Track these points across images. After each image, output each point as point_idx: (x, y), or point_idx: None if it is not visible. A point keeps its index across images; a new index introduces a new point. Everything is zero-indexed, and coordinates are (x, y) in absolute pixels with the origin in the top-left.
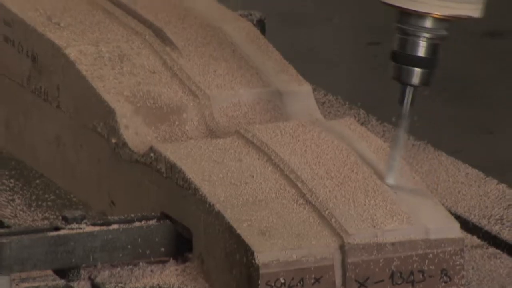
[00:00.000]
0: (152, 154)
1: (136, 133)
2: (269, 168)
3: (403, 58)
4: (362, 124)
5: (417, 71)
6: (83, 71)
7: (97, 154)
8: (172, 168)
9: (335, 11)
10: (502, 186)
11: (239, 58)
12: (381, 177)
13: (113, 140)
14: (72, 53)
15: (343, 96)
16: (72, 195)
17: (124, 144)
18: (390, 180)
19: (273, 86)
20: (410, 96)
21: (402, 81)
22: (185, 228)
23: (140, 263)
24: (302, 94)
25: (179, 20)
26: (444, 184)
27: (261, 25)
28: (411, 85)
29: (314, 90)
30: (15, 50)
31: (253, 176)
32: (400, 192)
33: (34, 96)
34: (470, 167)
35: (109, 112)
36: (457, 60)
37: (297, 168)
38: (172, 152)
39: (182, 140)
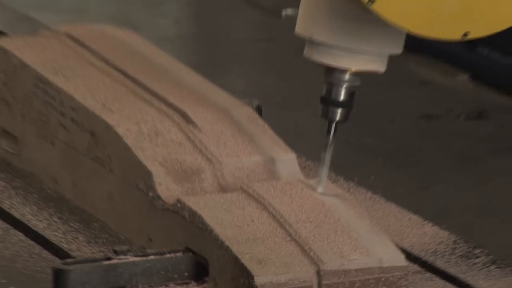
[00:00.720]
0: (179, 204)
1: (167, 189)
2: (265, 215)
3: (329, 102)
4: (333, 182)
5: (339, 111)
6: (129, 144)
7: (139, 204)
8: (194, 215)
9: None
10: (436, 228)
11: (243, 134)
12: (347, 222)
13: (150, 194)
14: (120, 130)
15: (318, 162)
16: (120, 235)
17: (158, 197)
18: (320, 190)
19: (268, 154)
20: (333, 129)
21: (328, 119)
22: (203, 258)
23: (170, 284)
24: (289, 161)
25: (199, 105)
26: (393, 226)
27: (259, 110)
28: (335, 122)
29: (297, 157)
30: (79, 129)
31: (253, 220)
32: (360, 230)
33: (92, 162)
34: (412, 214)
35: (148, 174)
36: (402, 137)
37: (285, 214)
38: (193, 203)
39: (201, 194)
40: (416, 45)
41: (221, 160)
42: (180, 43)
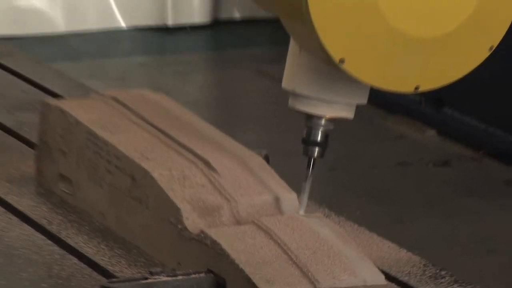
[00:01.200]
0: (202, 235)
1: (193, 222)
2: (271, 243)
3: (308, 142)
4: (326, 217)
5: (316, 149)
6: (162, 186)
7: (170, 235)
8: (214, 243)
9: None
10: (409, 254)
11: (254, 178)
12: (338, 249)
13: (179, 226)
14: (155, 175)
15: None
16: (154, 259)
17: (186, 229)
18: (302, 211)
19: (274, 194)
20: (312, 164)
21: (308, 156)
22: (222, 279)
23: None
24: (291, 199)
25: (219, 154)
26: (375, 252)
27: (267, 158)
28: (313, 158)
29: (297, 196)
30: (122, 173)
31: (262, 248)
32: (348, 255)
33: (132, 200)
34: (391, 242)
35: (177, 210)
36: (382, 180)
37: (288, 243)
38: (214, 234)
39: (220, 227)
40: (393, 106)
41: (236, 199)
42: (203, 105)
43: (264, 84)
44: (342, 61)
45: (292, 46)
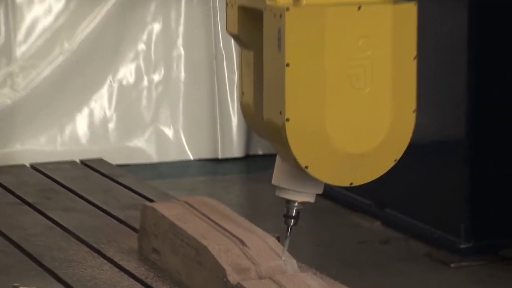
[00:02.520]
0: (239, 285)
1: (233, 277)
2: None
3: (287, 216)
4: (314, 274)
5: (292, 220)
6: (214, 255)
7: (219, 285)
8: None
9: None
10: None
11: (270, 250)
12: None
13: (225, 280)
14: (210, 248)
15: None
16: None
17: (228, 281)
18: (284, 257)
19: (282, 260)
20: (290, 230)
21: (287, 225)
22: None
23: None
24: (293, 264)
25: (248, 235)
26: None
27: (278, 239)
28: (290, 226)
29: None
30: (189, 247)
31: None
32: None
33: (196, 264)
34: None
35: (223, 270)
36: (347, 252)
37: None
38: (246, 284)
39: (249, 280)
40: (355, 206)
41: (259, 263)
42: (239, 206)
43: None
44: (306, 167)
45: (278, 159)
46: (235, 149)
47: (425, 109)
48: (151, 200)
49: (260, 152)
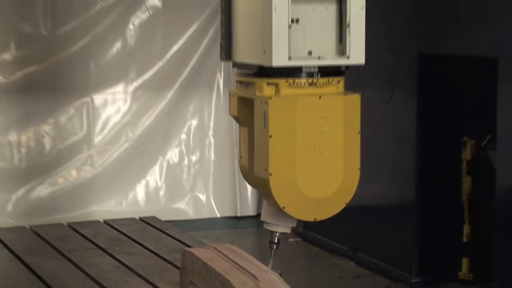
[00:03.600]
0: None
1: None
2: None
3: (271, 242)
4: None
5: (274, 246)
6: (231, 282)
7: None
8: None
9: None
10: None
11: (276, 283)
12: None
13: None
14: (232, 282)
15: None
16: None
17: None
18: (269, 271)
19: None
20: (272, 252)
21: (271, 248)
22: None
23: None
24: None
25: (260, 272)
26: None
27: (280, 274)
28: (273, 249)
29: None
30: (217, 281)
31: None
32: None
33: None
34: None
35: None
36: (332, 283)
37: None
38: None
39: None
40: (335, 251)
41: None
42: (252, 250)
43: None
44: (284, 208)
45: (265, 202)
46: (250, 209)
47: (385, 178)
48: (189, 246)
49: None
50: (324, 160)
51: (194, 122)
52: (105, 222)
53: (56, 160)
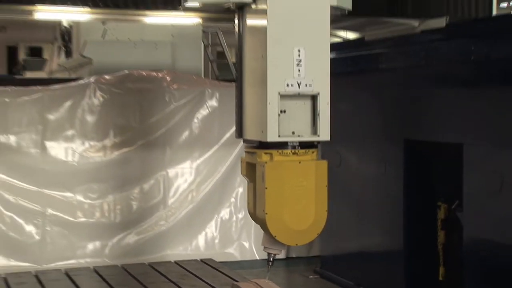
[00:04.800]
0: None
1: None
2: None
3: (268, 260)
4: None
5: (270, 263)
6: None
7: None
8: None
9: None
10: None
11: None
12: None
13: None
14: None
15: None
16: None
17: None
18: (266, 280)
19: None
20: (269, 269)
21: (268, 265)
22: None
23: None
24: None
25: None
26: None
27: None
28: (269, 266)
29: None
30: None
31: None
32: None
33: None
34: None
35: None
36: None
37: None
38: None
39: None
40: (343, 284)
41: None
42: (283, 285)
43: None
44: (275, 236)
45: (264, 234)
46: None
47: (380, 230)
48: (236, 281)
49: (293, 255)
50: (302, 204)
51: (240, 189)
52: (176, 262)
53: (140, 216)
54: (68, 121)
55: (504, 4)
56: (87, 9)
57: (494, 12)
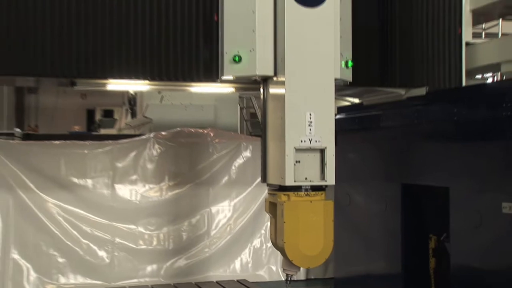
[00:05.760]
0: None
1: None
2: None
3: (286, 280)
4: None
5: (288, 282)
6: None
7: None
8: None
9: None
10: None
11: None
12: None
13: None
14: None
15: None
16: None
17: None
18: None
19: None
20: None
21: (286, 283)
22: None
23: None
24: None
25: None
26: None
27: None
28: (287, 284)
29: None
30: None
31: None
32: None
33: None
34: None
35: None
36: None
37: None
38: None
39: None
40: None
41: None
42: None
43: None
44: (292, 260)
45: (283, 258)
46: (301, 275)
47: (382, 257)
48: None
49: (312, 277)
50: (313, 235)
51: (268, 223)
52: (217, 282)
53: (189, 244)
54: (133, 168)
55: (479, 76)
56: (147, 81)
57: (464, 83)
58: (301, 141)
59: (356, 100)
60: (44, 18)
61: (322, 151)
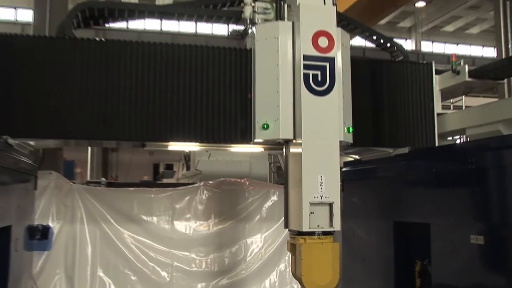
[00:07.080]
0: None
1: None
2: None
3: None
4: None
5: None
6: None
7: None
8: None
9: None
10: None
11: None
12: None
13: None
14: None
15: None
16: None
17: None
18: None
19: None
20: None
21: None
22: None
23: None
24: None
25: None
26: None
27: None
28: None
29: None
30: None
31: None
32: None
33: None
34: None
35: None
36: None
37: None
38: None
39: None
40: None
41: None
42: None
43: None
44: (302, 283)
45: (300, 287)
46: None
47: (378, 279)
48: None
49: None
50: (324, 269)
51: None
52: None
53: (230, 268)
54: (187, 209)
55: (450, 138)
56: (199, 143)
57: (436, 144)
58: (314, 197)
59: (356, 156)
60: (130, 101)
61: (330, 205)
